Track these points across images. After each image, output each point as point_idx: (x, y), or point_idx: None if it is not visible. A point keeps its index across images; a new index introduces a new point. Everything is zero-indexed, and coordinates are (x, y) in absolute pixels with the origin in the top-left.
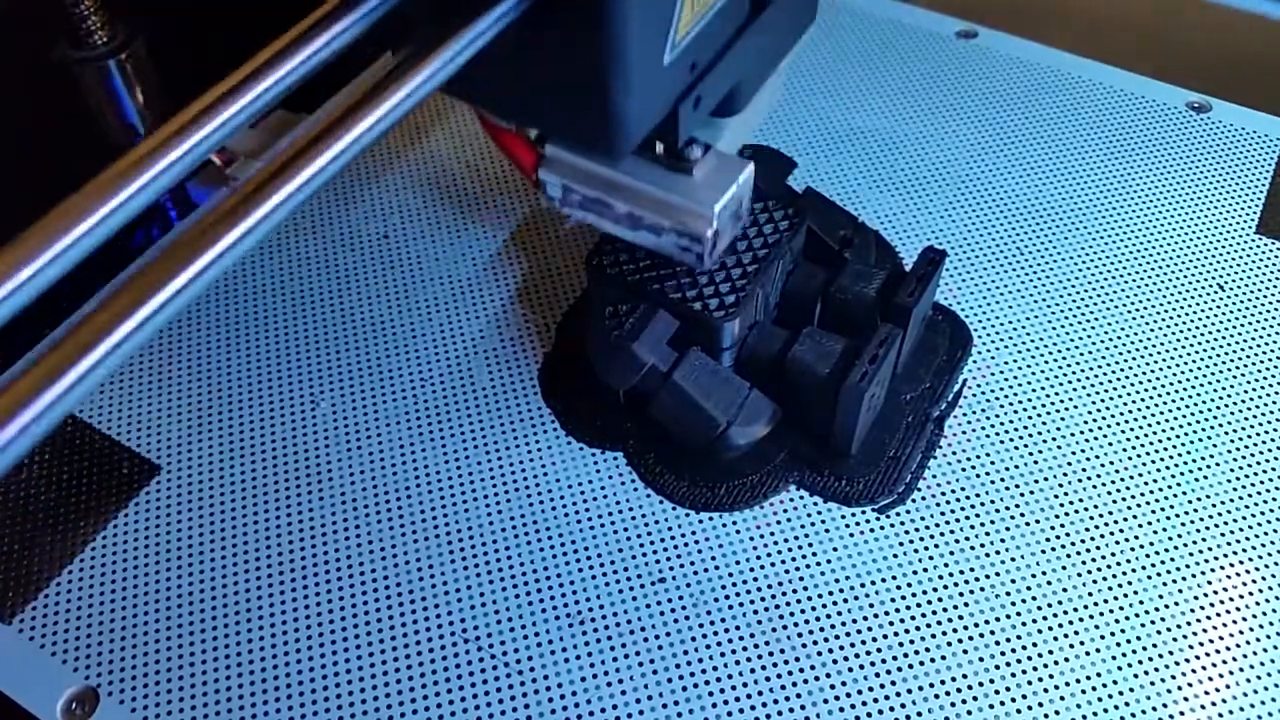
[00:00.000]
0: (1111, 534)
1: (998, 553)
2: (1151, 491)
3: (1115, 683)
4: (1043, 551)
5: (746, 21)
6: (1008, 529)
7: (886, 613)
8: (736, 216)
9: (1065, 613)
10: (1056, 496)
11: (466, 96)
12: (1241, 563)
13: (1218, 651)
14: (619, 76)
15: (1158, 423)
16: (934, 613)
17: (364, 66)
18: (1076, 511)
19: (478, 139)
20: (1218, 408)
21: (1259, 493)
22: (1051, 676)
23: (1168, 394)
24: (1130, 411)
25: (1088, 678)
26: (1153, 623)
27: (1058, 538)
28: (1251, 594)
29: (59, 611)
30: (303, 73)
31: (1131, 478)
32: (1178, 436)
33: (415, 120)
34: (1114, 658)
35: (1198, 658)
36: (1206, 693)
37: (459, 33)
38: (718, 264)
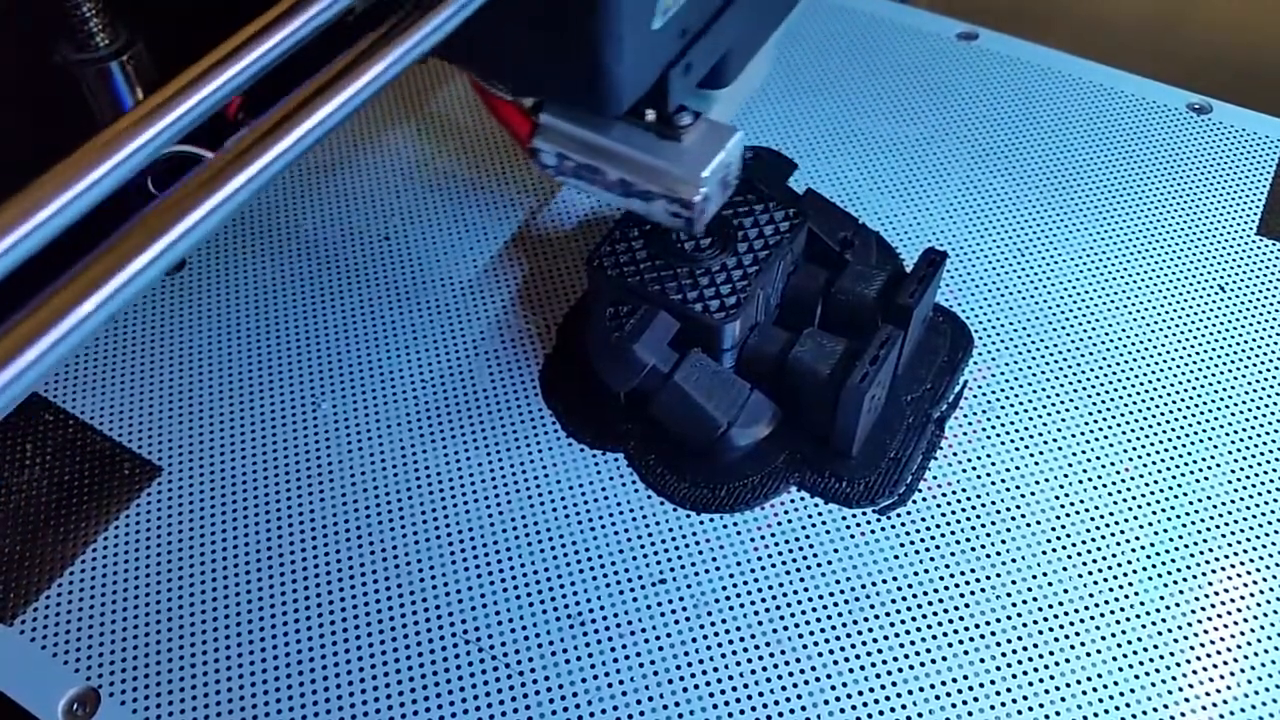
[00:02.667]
0: (1111, 534)
1: (998, 553)
2: (1151, 491)
3: (1115, 683)
4: (1043, 552)
5: None
6: (1008, 529)
7: (887, 614)
8: (725, 184)
9: (1065, 613)
10: (1057, 497)
11: (462, 62)
12: (1241, 563)
13: (1218, 651)
14: (610, 40)
15: (1158, 423)
16: (935, 614)
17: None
18: (1077, 512)
19: (479, 139)
20: (1218, 408)
21: (1259, 493)
22: (1052, 677)
23: (1168, 394)
24: (1130, 411)
25: (1088, 678)
26: (1153, 623)
27: (1058, 538)
28: (1251, 594)
29: (60, 612)
30: (297, 39)
31: (1131, 478)
32: (1178, 436)
33: (415, 120)
34: (1114, 658)
35: (1198, 658)
36: (1206, 693)
37: (445, 3)
38: (704, 233)
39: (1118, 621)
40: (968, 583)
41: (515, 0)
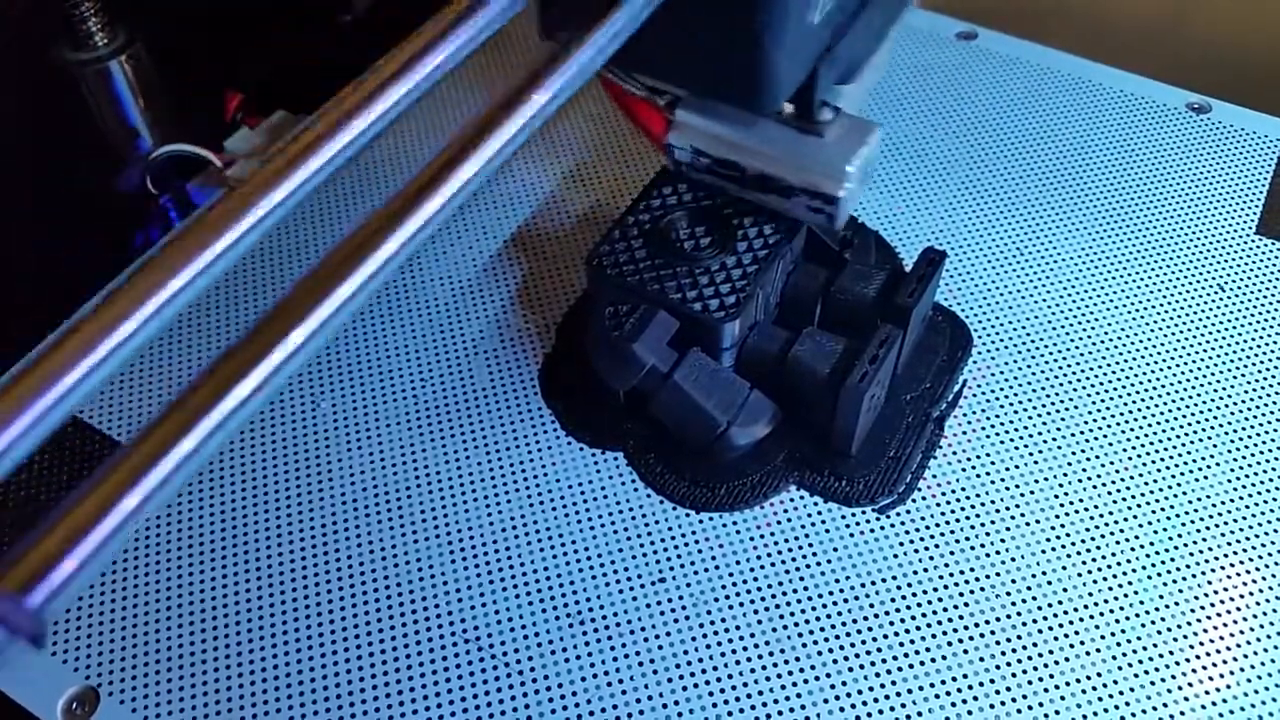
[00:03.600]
0: (1111, 534)
1: (998, 553)
2: (1151, 491)
3: (1115, 683)
4: (1043, 551)
5: None
6: (1008, 529)
7: (887, 613)
8: (865, 177)
9: (1065, 613)
10: (1057, 496)
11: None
12: (1241, 563)
13: (1218, 651)
14: (775, 31)
15: (1158, 423)
16: (934, 613)
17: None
18: (1076, 511)
19: None
20: (1218, 408)
21: (1259, 493)
22: (1051, 676)
23: (1168, 394)
24: (1130, 411)
25: (1088, 678)
26: (1153, 623)
27: (1058, 538)
28: (1251, 594)
29: (60, 612)
30: (450, 64)
31: (1131, 478)
32: (1178, 436)
33: (417, 120)
34: (1114, 658)
35: (1198, 658)
36: (1206, 693)
37: (615, 11)
38: (843, 224)
39: (1118, 621)
40: (967, 582)
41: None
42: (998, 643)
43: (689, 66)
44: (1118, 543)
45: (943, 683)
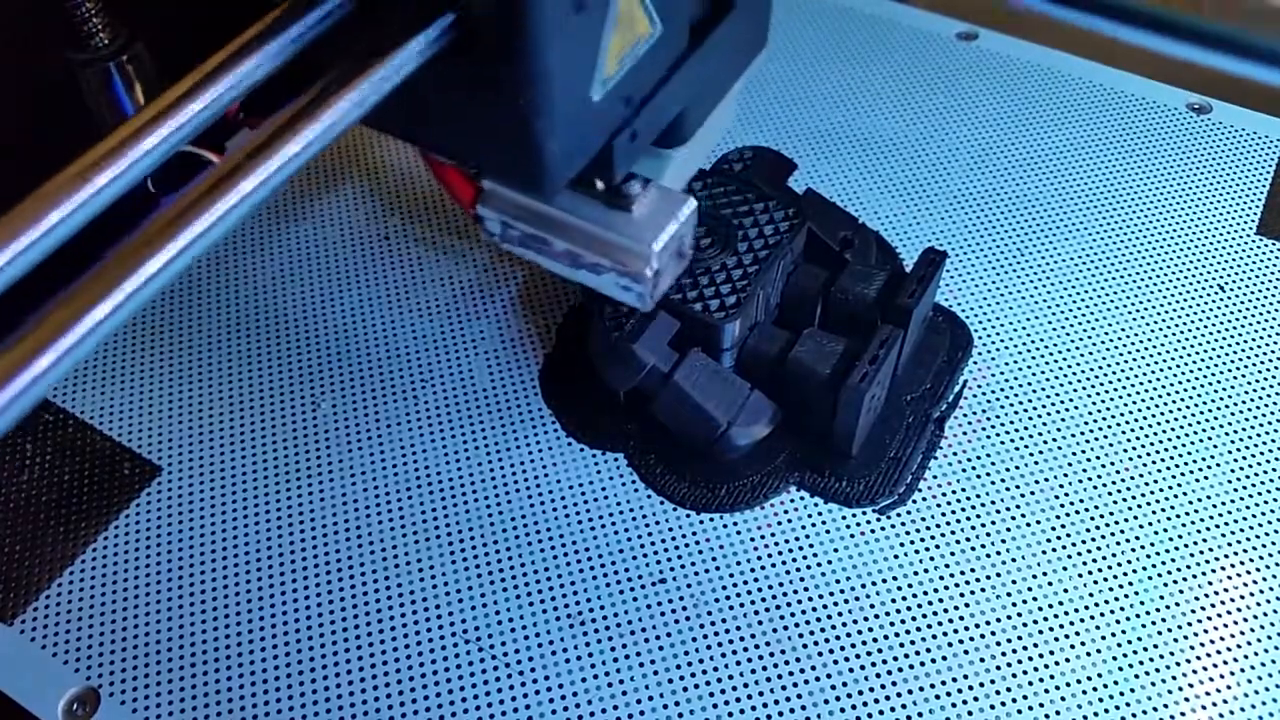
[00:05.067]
0: (1111, 534)
1: (998, 553)
2: (1151, 491)
3: (1115, 683)
4: (1043, 551)
5: (685, 53)
6: (1008, 529)
7: (887, 613)
8: (680, 255)
9: (1065, 613)
10: (1057, 496)
11: (393, 131)
12: (1241, 563)
13: (1218, 651)
14: (542, 115)
15: (1158, 423)
16: (935, 613)
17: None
18: (1077, 511)
19: None
20: (1218, 408)
21: (1259, 493)
22: (1051, 676)
23: (1168, 394)
24: (1130, 411)
25: (1088, 678)
26: (1153, 623)
27: (1058, 538)
28: (1251, 594)
29: (60, 612)
30: (301, 40)
31: (1131, 478)
32: (1178, 436)
33: None
34: (1114, 658)
35: (1198, 658)
36: (1206, 693)
37: (377, 66)
38: (658, 301)
39: (1118, 621)
40: (968, 582)
41: (445, 72)
42: (998, 643)
43: (469, 144)
44: (1118, 543)
45: (943, 683)
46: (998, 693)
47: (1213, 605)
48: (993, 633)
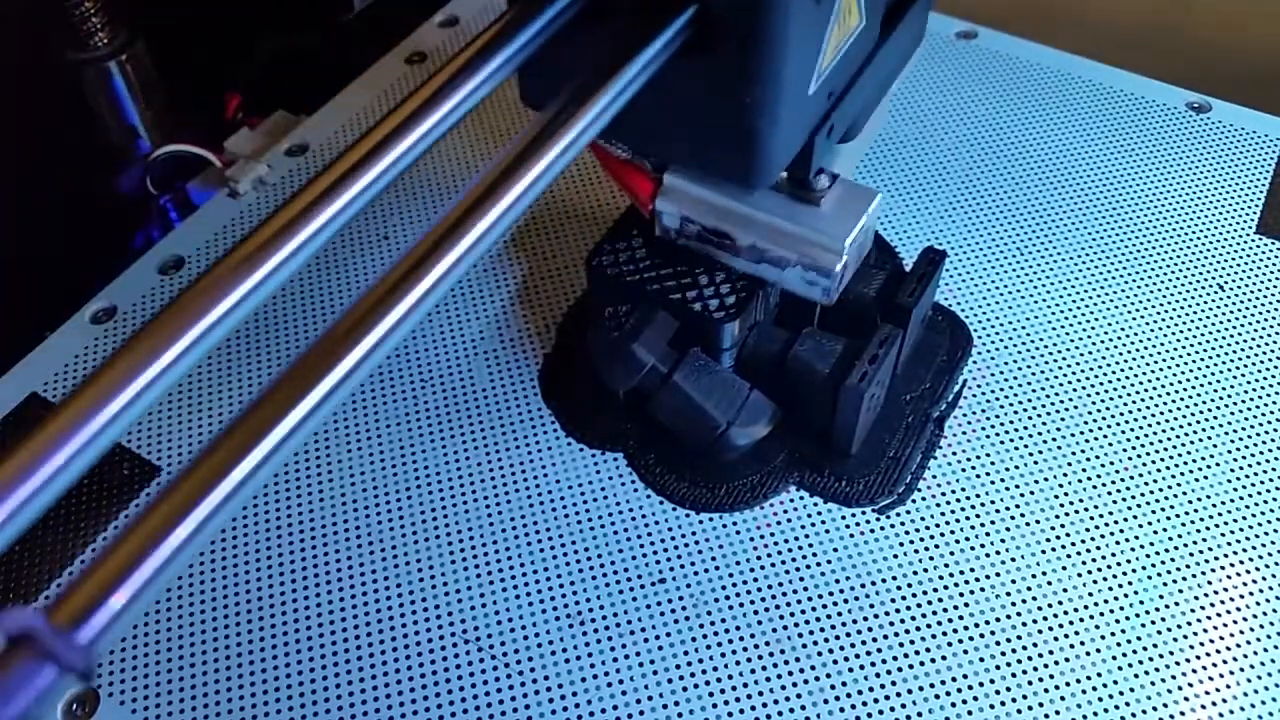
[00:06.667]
0: (1111, 534)
1: (998, 553)
2: (1151, 491)
3: (1115, 683)
4: (1043, 551)
5: (876, 47)
6: (1008, 529)
7: (887, 613)
8: (863, 248)
9: (1065, 613)
10: (1056, 496)
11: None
12: (1241, 563)
13: (1218, 651)
14: (769, 107)
15: (1158, 423)
16: (934, 613)
17: (367, 63)
18: (1076, 511)
19: (479, 138)
20: (1218, 408)
21: (1259, 493)
22: (1051, 676)
23: (1168, 394)
24: (1130, 411)
25: (1088, 678)
26: (1153, 623)
27: (1058, 538)
28: (1251, 594)
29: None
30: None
31: (1131, 478)
32: (1178, 436)
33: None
34: (1114, 658)
35: (1198, 658)
36: (1206, 693)
37: (616, 75)
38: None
39: (1117, 621)
40: (967, 582)
41: (665, 73)
42: (998, 643)
43: (676, 140)
44: (1118, 543)
45: (943, 683)
46: (998, 693)
47: (1212, 605)
48: (992, 633)
